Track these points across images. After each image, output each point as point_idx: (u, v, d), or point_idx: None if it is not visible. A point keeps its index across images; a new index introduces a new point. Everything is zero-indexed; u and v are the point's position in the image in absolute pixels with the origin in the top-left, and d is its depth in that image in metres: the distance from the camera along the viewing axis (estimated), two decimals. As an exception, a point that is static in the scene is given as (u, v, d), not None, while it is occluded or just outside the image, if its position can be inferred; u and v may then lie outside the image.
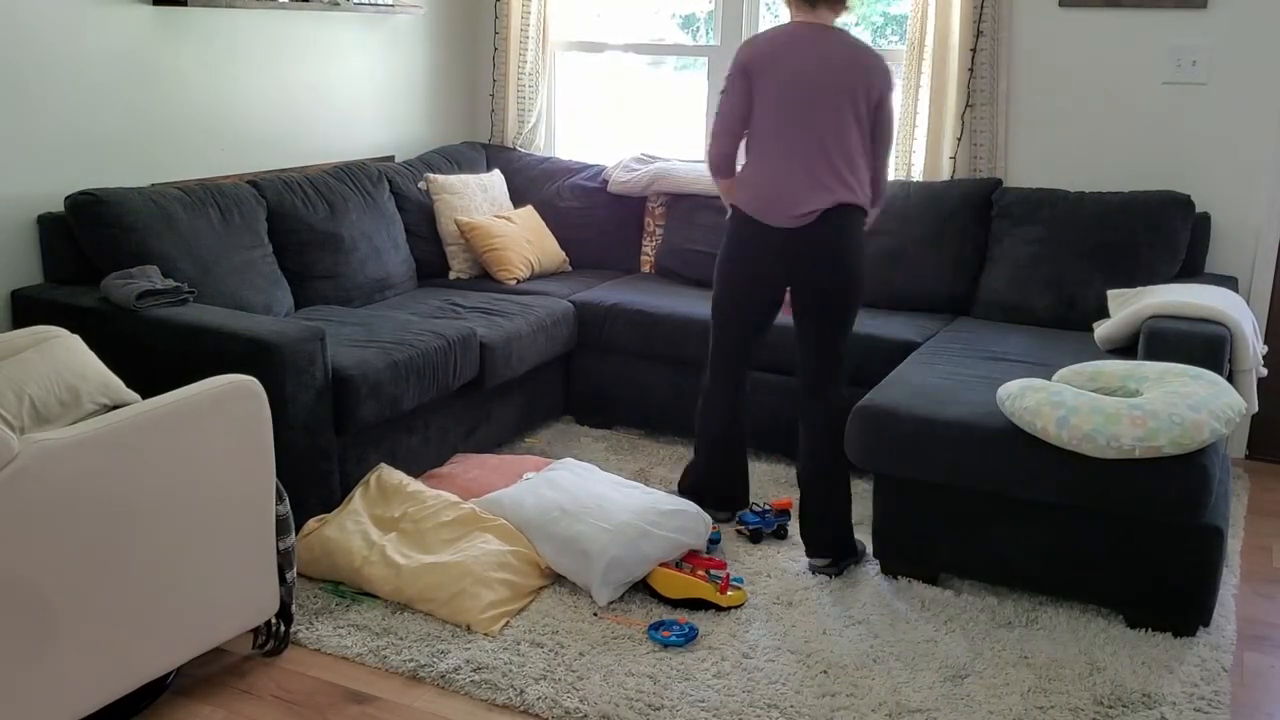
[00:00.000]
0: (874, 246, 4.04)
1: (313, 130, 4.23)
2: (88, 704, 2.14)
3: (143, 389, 2.65)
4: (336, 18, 4.27)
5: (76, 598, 2.07)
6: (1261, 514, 3.54)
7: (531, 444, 3.97)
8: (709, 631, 2.73)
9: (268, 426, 2.42)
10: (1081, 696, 2.48)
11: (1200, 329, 3.12)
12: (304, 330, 2.97)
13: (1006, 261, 3.91)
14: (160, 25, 3.59)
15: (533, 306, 3.92)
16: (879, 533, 3.00)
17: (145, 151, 3.60)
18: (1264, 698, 2.54)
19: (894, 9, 4.50)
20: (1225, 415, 2.61)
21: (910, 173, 4.25)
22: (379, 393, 3.15)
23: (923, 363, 3.28)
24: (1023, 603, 2.89)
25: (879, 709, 2.43)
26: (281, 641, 2.61)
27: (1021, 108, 4.14)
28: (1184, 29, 3.87)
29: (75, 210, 3.25)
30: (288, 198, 3.79)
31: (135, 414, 2.15)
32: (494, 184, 4.59)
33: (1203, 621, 2.72)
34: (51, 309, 3.15)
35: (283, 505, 2.54)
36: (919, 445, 2.82)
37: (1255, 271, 3.91)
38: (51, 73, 3.27)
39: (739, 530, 3.27)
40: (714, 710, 2.41)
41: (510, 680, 2.51)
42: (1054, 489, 2.68)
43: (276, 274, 3.64)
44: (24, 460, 1.95)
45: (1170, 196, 3.78)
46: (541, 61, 4.85)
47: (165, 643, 2.27)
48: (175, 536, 2.25)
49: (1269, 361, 3.82)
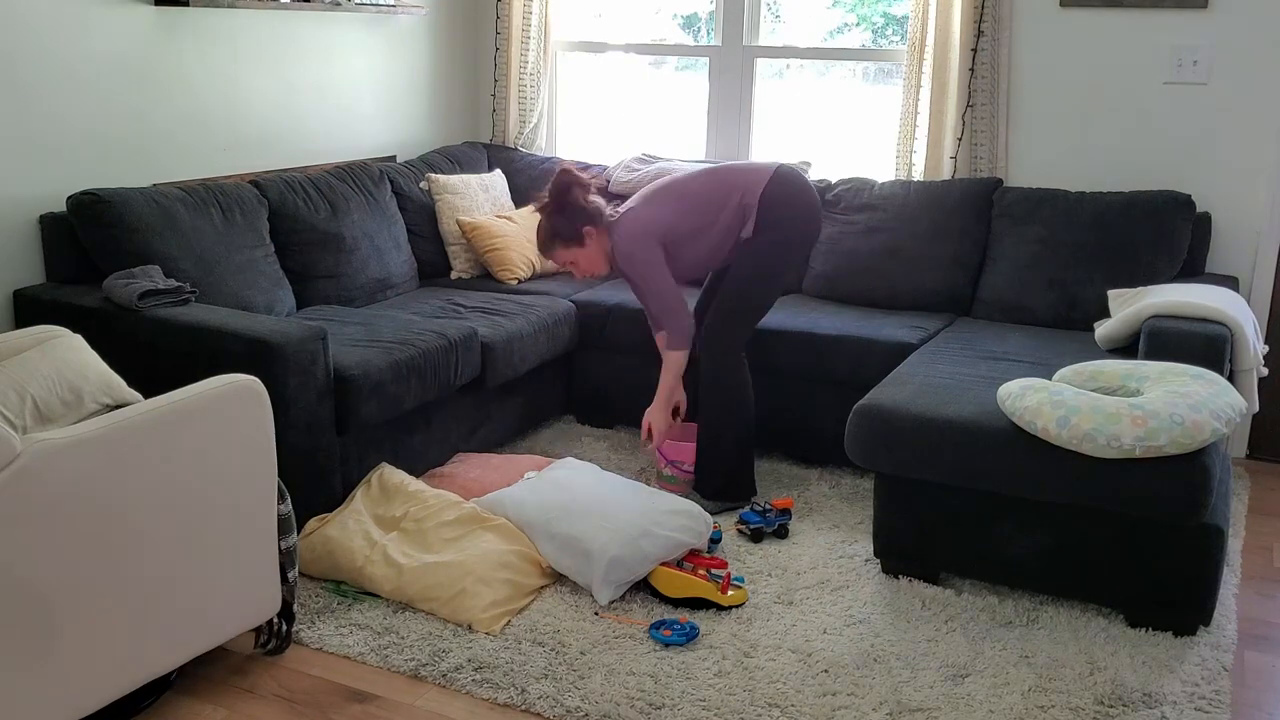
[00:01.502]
0: (874, 245, 4.04)
1: (314, 130, 4.24)
2: (89, 703, 2.14)
3: (145, 389, 2.65)
4: (338, 18, 4.27)
5: (78, 597, 2.07)
6: (1262, 513, 3.54)
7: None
8: (710, 630, 2.74)
9: (269, 426, 2.43)
10: (1082, 696, 2.49)
11: (1201, 329, 3.12)
12: (306, 330, 2.98)
13: (1007, 261, 3.91)
14: (162, 25, 3.59)
15: (534, 306, 3.92)
16: (879, 532, 3.01)
17: (147, 151, 3.60)
18: (1265, 697, 2.54)
19: (895, 9, 4.51)
20: (1226, 415, 2.61)
21: (911, 172, 4.25)
22: (380, 392, 3.15)
23: (923, 363, 3.28)
24: (1023, 602, 2.89)
25: (879, 708, 2.44)
26: (283, 641, 2.61)
27: (1022, 107, 4.14)
28: (1185, 29, 3.87)
29: (77, 210, 3.26)
30: (289, 198, 3.79)
31: (137, 414, 2.15)
32: (495, 184, 4.59)
33: (1203, 621, 2.72)
34: (53, 309, 3.16)
35: (284, 504, 2.55)
36: (919, 445, 2.82)
37: (1256, 271, 3.91)
38: (53, 73, 3.28)
39: (740, 529, 3.28)
40: (715, 709, 2.42)
41: (512, 679, 2.51)
42: (1054, 489, 2.68)
43: (278, 274, 3.65)
44: (26, 460, 1.95)
45: (1171, 196, 3.78)
46: (543, 61, 4.85)
47: (167, 642, 2.28)
48: (177, 536, 2.25)
49: (1270, 361, 3.82)
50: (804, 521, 3.37)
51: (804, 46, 4.58)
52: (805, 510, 3.46)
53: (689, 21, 4.87)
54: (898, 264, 4.01)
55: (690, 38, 4.87)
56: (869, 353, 3.59)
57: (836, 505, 3.49)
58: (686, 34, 4.89)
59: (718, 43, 4.63)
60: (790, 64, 4.68)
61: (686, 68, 4.90)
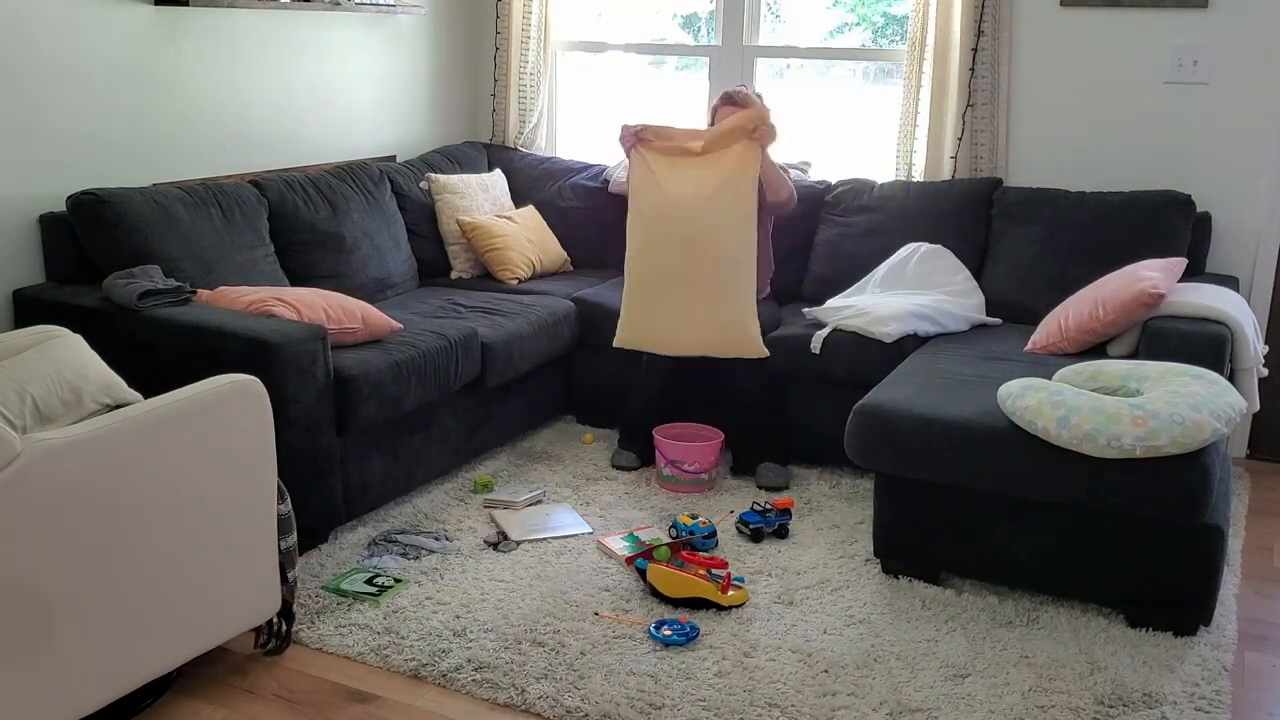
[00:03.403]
0: (875, 246, 4.04)
1: (314, 130, 4.23)
2: (89, 703, 2.14)
3: (144, 389, 2.65)
4: (338, 18, 4.27)
5: (78, 597, 2.07)
6: (1262, 513, 3.54)
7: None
8: (710, 631, 2.73)
9: (269, 426, 2.43)
10: (1082, 696, 2.48)
11: (1201, 328, 3.12)
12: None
13: (1007, 261, 3.91)
14: (162, 25, 3.59)
15: (534, 306, 3.92)
16: (880, 532, 3.00)
17: (147, 151, 3.60)
18: (1265, 697, 2.54)
19: (895, 9, 4.51)
20: (1226, 415, 2.61)
21: (911, 172, 4.25)
22: (380, 392, 3.15)
23: (923, 363, 3.28)
24: (1023, 602, 2.89)
25: (879, 708, 2.43)
26: (283, 641, 2.61)
27: (1022, 107, 4.14)
28: (1185, 29, 3.87)
29: (77, 210, 3.25)
30: (289, 197, 3.79)
31: (137, 414, 2.15)
32: (495, 184, 4.59)
33: (1203, 621, 2.72)
34: (53, 309, 3.16)
35: (284, 504, 2.55)
36: (919, 445, 2.82)
37: (1256, 271, 3.91)
38: (53, 73, 3.28)
39: (740, 529, 3.28)
40: (715, 709, 2.42)
41: (511, 679, 2.51)
42: (1055, 489, 2.68)
43: (278, 273, 3.64)
44: (26, 459, 1.95)
45: (1171, 196, 3.78)
46: (543, 61, 4.85)
47: (167, 642, 2.28)
48: (177, 536, 2.25)
49: (1270, 361, 3.81)
50: (804, 521, 3.37)
51: (804, 46, 4.58)
52: (805, 510, 3.45)
53: (689, 21, 4.87)
54: (898, 264, 4.00)
55: (690, 37, 4.87)
56: (869, 353, 3.59)
57: (836, 505, 3.49)
58: (686, 34, 4.89)
59: (718, 43, 4.63)
60: (790, 64, 4.68)
61: (686, 68, 4.90)
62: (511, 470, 3.74)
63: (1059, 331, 3.41)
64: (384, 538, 3.19)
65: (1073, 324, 3.38)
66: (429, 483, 3.61)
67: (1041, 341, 3.45)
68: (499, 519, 3.32)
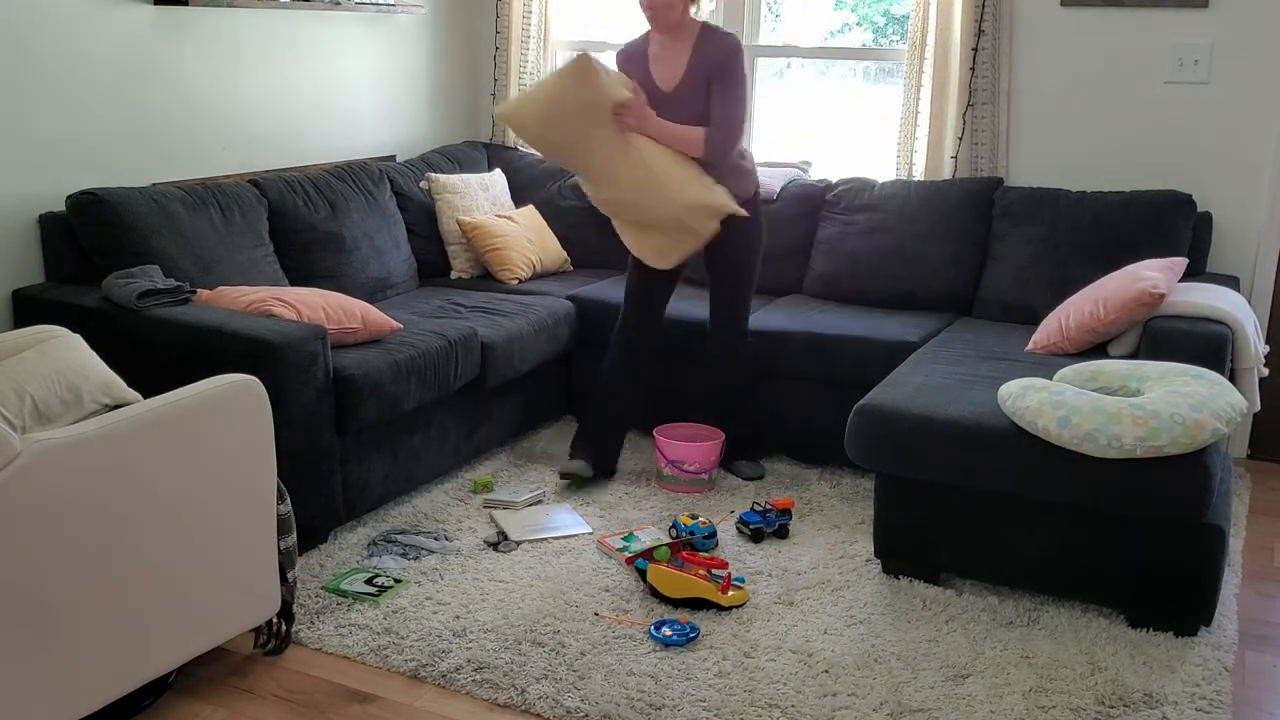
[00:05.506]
0: (875, 245, 4.04)
1: (314, 130, 4.23)
2: (88, 704, 2.14)
3: (144, 388, 2.65)
4: (338, 17, 4.27)
5: (77, 597, 2.07)
6: (1263, 513, 3.54)
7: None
8: (710, 631, 2.73)
9: (269, 426, 2.43)
10: (1083, 696, 2.48)
11: (1202, 328, 3.12)
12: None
13: (1008, 261, 3.91)
14: (161, 25, 3.59)
15: (534, 306, 3.92)
16: (880, 532, 3.00)
17: (146, 151, 3.60)
18: (1265, 697, 2.54)
19: (895, 8, 4.50)
20: (1227, 414, 2.61)
21: (912, 172, 4.25)
22: (380, 392, 3.15)
23: (923, 362, 3.28)
24: (1024, 602, 2.89)
25: (880, 709, 2.43)
26: (283, 641, 2.61)
27: (1023, 107, 4.14)
28: (1186, 28, 3.87)
29: (76, 210, 3.25)
30: (289, 197, 3.79)
31: (137, 413, 2.15)
32: (495, 183, 4.59)
33: (1204, 621, 2.72)
34: (53, 308, 3.15)
35: (284, 504, 2.54)
36: (920, 445, 2.82)
37: (1257, 271, 3.91)
38: (53, 72, 3.28)
39: (740, 529, 3.27)
40: (715, 710, 2.41)
41: (512, 680, 2.51)
42: (1055, 489, 2.68)
43: (278, 273, 3.64)
44: (25, 459, 1.95)
45: (1172, 196, 3.78)
46: (543, 61, 4.85)
47: (166, 642, 2.28)
48: (176, 536, 2.25)
49: (1270, 361, 3.81)
50: (804, 521, 3.37)
51: (804, 46, 4.58)
52: (805, 510, 3.45)
53: (689, 21, 4.85)
54: (898, 264, 4.00)
55: (690, 37, 4.85)
56: (869, 353, 3.59)
57: (837, 505, 3.49)
58: (687, 33, 4.87)
59: (718, 42, 4.62)
60: (791, 63, 4.68)
61: (687, 67, 4.88)
62: (511, 470, 3.74)
63: (1059, 331, 3.41)
64: (384, 538, 3.19)
65: (1073, 324, 3.38)
66: (429, 483, 3.61)
67: (1042, 341, 3.44)
68: (499, 519, 3.32)
